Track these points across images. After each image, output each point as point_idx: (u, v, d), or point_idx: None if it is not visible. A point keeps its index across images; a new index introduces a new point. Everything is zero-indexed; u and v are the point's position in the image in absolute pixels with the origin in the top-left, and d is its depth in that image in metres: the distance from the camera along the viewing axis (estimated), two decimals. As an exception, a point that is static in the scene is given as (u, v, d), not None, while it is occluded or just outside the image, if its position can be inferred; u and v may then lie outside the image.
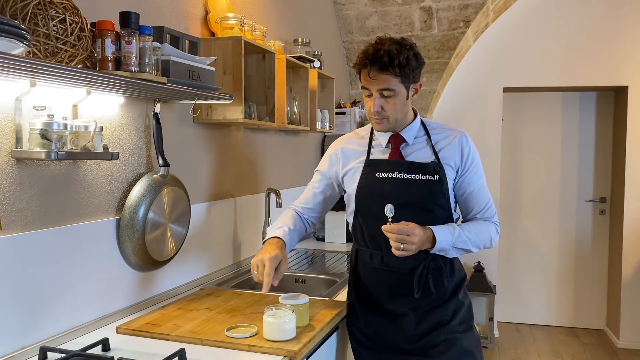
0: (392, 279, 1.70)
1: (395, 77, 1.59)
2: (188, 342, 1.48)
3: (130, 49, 1.40)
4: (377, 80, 1.60)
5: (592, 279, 4.68)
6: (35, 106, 1.35)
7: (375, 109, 1.64)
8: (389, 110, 1.64)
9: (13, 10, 1.17)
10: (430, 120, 1.80)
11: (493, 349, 4.20)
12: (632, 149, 4.23)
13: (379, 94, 1.62)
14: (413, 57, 1.61)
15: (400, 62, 1.57)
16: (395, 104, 1.64)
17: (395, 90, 1.61)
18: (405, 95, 1.65)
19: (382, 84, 1.60)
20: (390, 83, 1.60)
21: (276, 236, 1.72)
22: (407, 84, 1.63)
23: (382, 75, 1.59)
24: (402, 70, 1.59)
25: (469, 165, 1.70)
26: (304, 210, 1.88)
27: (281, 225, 1.78)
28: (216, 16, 2.12)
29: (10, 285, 1.32)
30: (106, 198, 1.64)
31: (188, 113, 2.03)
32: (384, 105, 1.63)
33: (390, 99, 1.63)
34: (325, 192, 1.86)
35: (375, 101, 1.63)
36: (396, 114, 1.66)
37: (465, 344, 1.68)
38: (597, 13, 4.22)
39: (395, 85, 1.61)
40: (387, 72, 1.58)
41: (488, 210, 1.74)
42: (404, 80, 1.61)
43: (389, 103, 1.63)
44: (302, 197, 1.90)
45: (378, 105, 1.63)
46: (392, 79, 1.60)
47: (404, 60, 1.58)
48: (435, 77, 3.96)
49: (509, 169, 4.79)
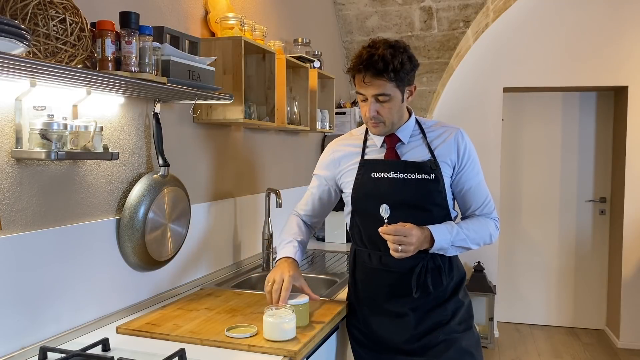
0: (391, 279, 1.70)
1: (390, 81, 1.59)
2: (188, 342, 1.48)
3: (130, 49, 1.40)
4: (372, 86, 1.60)
5: (592, 279, 4.68)
6: (35, 106, 1.35)
7: (371, 114, 1.64)
8: (385, 115, 1.64)
9: (13, 10, 1.17)
10: (426, 119, 1.80)
11: (493, 349, 4.20)
12: (632, 149, 4.22)
13: (374, 99, 1.62)
14: (407, 60, 1.60)
15: (395, 67, 1.57)
16: (390, 108, 1.64)
17: (391, 94, 1.61)
18: (400, 99, 1.65)
19: (377, 90, 1.60)
20: (386, 88, 1.60)
21: (288, 256, 1.75)
22: (402, 88, 1.63)
23: (377, 80, 1.59)
24: (397, 75, 1.58)
25: (465, 161, 1.70)
26: (306, 218, 1.91)
27: (290, 240, 1.80)
28: (216, 16, 2.12)
29: (11, 285, 1.32)
30: (106, 198, 1.64)
31: (188, 113, 2.03)
32: (379, 109, 1.63)
33: (385, 104, 1.63)
34: (323, 197, 1.88)
35: (370, 106, 1.63)
36: (392, 117, 1.66)
37: (465, 344, 1.68)
38: (597, 13, 4.22)
39: (391, 90, 1.60)
40: (382, 77, 1.58)
41: (487, 206, 1.74)
42: (399, 85, 1.61)
43: (384, 107, 1.63)
44: (303, 202, 1.92)
45: (374, 111, 1.63)
46: (387, 84, 1.59)
47: (399, 65, 1.57)
48: (435, 77, 3.96)
49: (509, 169, 4.79)
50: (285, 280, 1.61)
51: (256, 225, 2.59)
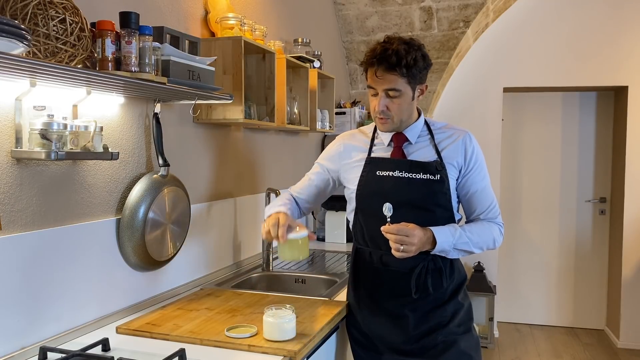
0: (391, 278, 1.70)
1: (402, 77, 1.59)
2: (188, 342, 1.48)
3: (130, 49, 1.40)
4: (383, 80, 1.60)
5: (592, 279, 4.68)
6: (35, 106, 1.35)
7: (380, 108, 1.64)
8: (394, 111, 1.64)
9: (13, 10, 1.17)
10: (435, 120, 1.80)
11: (493, 349, 4.20)
12: (632, 149, 4.22)
13: (385, 93, 1.62)
14: (421, 58, 1.61)
15: (408, 62, 1.57)
16: (400, 105, 1.63)
17: (402, 90, 1.61)
18: (410, 96, 1.64)
19: (388, 84, 1.60)
20: (397, 83, 1.60)
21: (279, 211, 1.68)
22: (413, 85, 1.63)
23: (389, 75, 1.59)
24: (409, 71, 1.58)
25: (472, 164, 1.70)
26: (299, 200, 1.90)
27: (280, 204, 1.77)
28: (216, 16, 2.12)
29: (10, 285, 1.32)
30: (106, 198, 1.64)
31: (188, 113, 2.03)
32: (389, 105, 1.63)
33: (395, 99, 1.62)
34: (319, 186, 1.87)
35: (380, 101, 1.63)
36: (401, 114, 1.65)
37: (464, 345, 1.68)
38: (597, 13, 4.21)
39: (402, 86, 1.60)
40: (394, 72, 1.58)
41: (492, 211, 1.73)
42: (411, 81, 1.61)
43: (394, 103, 1.63)
44: (299, 186, 1.91)
45: (383, 105, 1.63)
46: (398, 79, 1.59)
47: (412, 61, 1.58)
48: (435, 77, 3.96)
49: (509, 169, 4.79)
50: (281, 218, 1.59)
51: (256, 225, 2.59)
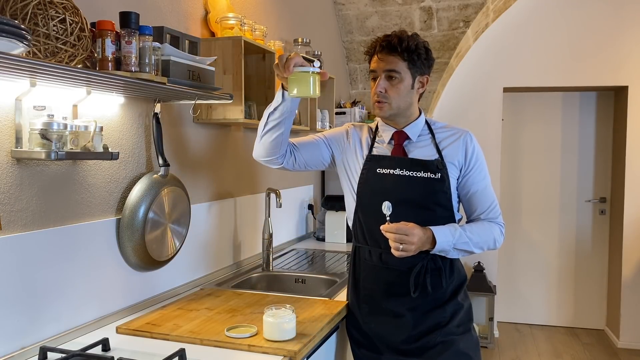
0: (390, 277, 1.70)
1: (403, 60, 1.63)
2: (188, 342, 1.48)
3: (130, 49, 1.40)
4: (384, 62, 1.64)
5: (592, 279, 4.68)
6: (35, 106, 1.35)
7: (378, 89, 1.66)
8: (392, 94, 1.66)
9: (13, 10, 1.17)
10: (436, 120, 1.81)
11: (493, 349, 4.20)
12: (632, 149, 4.22)
13: (385, 75, 1.65)
14: (423, 47, 1.66)
15: (410, 46, 1.62)
16: (399, 89, 1.65)
17: (401, 73, 1.64)
18: (410, 84, 1.66)
19: (388, 65, 1.64)
20: (397, 65, 1.63)
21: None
22: (413, 72, 1.66)
23: (390, 56, 1.64)
24: (410, 56, 1.63)
25: (472, 164, 1.70)
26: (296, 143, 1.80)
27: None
28: (216, 16, 2.12)
29: (10, 285, 1.32)
30: (106, 198, 1.64)
31: (188, 113, 2.03)
32: (387, 88, 1.66)
33: (395, 83, 1.65)
34: (320, 146, 1.80)
35: (379, 82, 1.66)
36: (399, 100, 1.67)
37: (463, 346, 1.68)
38: (597, 13, 4.21)
39: (402, 69, 1.64)
40: (395, 53, 1.63)
41: (492, 211, 1.73)
42: (411, 67, 1.65)
43: (393, 87, 1.65)
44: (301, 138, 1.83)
45: (382, 87, 1.66)
46: (399, 62, 1.63)
47: (413, 45, 1.63)
48: (435, 77, 3.97)
49: (509, 169, 4.79)
50: (292, 53, 1.57)
51: (256, 225, 2.59)
